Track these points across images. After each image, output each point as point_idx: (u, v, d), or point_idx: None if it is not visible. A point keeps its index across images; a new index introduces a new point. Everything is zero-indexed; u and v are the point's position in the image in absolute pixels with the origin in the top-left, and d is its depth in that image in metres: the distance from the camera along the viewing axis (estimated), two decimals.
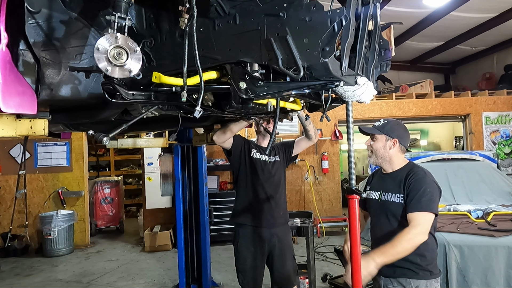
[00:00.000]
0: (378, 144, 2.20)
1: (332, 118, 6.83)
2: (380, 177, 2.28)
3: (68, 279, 5.02)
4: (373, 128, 2.23)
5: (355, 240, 1.71)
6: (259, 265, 3.01)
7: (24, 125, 1.64)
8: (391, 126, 2.21)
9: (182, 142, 4.10)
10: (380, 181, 2.26)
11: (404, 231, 1.95)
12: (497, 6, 6.00)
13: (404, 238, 1.93)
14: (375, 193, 2.24)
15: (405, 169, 2.17)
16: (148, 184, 6.60)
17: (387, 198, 2.14)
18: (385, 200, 2.15)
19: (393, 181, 2.15)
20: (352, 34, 1.41)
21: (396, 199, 2.09)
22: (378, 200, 2.20)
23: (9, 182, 6.48)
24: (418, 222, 1.96)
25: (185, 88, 1.44)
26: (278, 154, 3.16)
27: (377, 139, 2.20)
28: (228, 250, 6.01)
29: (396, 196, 2.10)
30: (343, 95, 1.64)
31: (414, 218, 1.98)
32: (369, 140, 2.25)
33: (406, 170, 2.15)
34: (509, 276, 3.08)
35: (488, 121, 7.33)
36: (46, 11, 1.42)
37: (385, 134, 2.18)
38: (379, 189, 2.23)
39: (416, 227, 1.95)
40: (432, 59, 9.12)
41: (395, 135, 2.18)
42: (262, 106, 1.86)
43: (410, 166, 2.19)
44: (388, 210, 2.13)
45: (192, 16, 1.33)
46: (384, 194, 2.17)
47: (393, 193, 2.12)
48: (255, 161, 3.06)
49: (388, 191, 2.15)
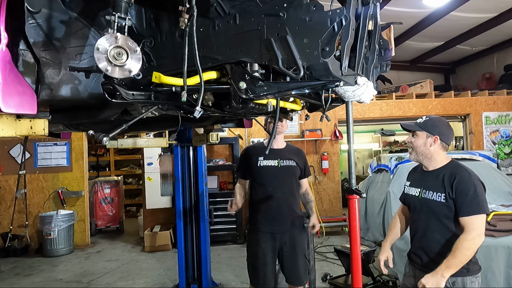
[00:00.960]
0: (418, 141, 2.17)
1: (332, 118, 6.83)
2: (421, 173, 2.27)
3: (68, 279, 5.02)
4: (414, 124, 2.21)
5: (355, 240, 1.71)
6: (270, 261, 3.00)
7: (24, 125, 1.63)
8: (433, 122, 2.19)
9: (182, 142, 4.10)
10: (420, 178, 2.25)
11: (462, 238, 1.96)
12: (497, 6, 6.00)
13: (463, 246, 1.94)
14: (415, 189, 2.24)
15: (447, 167, 2.15)
16: (148, 184, 6.60)
17: (428, 196, 2.14)
18: (426, 198, 2.15)
19: (434, 179, 2.14)
20: (352, 34, 1.41)
21: (438, 198, 2.09)
22: (418, 197, 2.20)
23: (9, 182, 6.48)
24: (473, 226, 1.96)
25: (185, 88, 1.44)
26: (293, 159, 3.11)
27: (417, 136, 2.18)
28: (228, 250, 6.01)
29: (437, 195, 2.09)
30: (343, 95, 1.64)
31: (469, 222, 1.98)
32: (409, 137, 2.24)
33: (449, 169, 2.13)
34: (509, 276, 3.08)
35: (488, 121, 7.33)
36: (46, 11, 1.42)
37: (426, 131, 2.16)
38: (419, 186, 2.22)
39: (472, 231, 1.95)
40: (432, 59, 9.13)
41: (436, 132, 2.16)
42: (262, 106, 1.86)
43: (453, 165, 2.17)
44: (429, 208, 2.13)
45: (192, 16, 1.33)
46: (425, 192, 2.16)
47: (434, 192, 2.11)
48: (263, 169, 3.04)
49: (429, 189, 2.14)
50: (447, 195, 2.05)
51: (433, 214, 2.12)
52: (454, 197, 2.03)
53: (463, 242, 1.95)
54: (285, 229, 3.00)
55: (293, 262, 3.03)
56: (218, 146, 6.81)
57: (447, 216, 2.07)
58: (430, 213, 2.13)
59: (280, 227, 2.99)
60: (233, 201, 3.12)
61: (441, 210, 2.07)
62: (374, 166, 6.10)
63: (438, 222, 2.10)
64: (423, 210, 2.17)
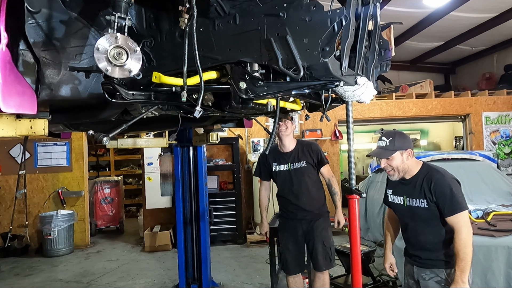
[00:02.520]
0: (396, 162, 2.24)
1: (332, 118, 6.83)
2: (400, 182, 2.35)
3: (68, 279, 5.02)
4: (385, 150, 2.26)
5: (355, 240, 1.71)
6: (297, 248, 3.31)
7: (24, 125, 1.63)
8: (398, 139, 2.25)
9: (182, 142, 4.09)
10: (401, 187, 2.35)
11: (457, 240, 2.09)
12: (497, 6, 6.00)
13: (462, 245, 2.07)
14: (399, 198, 2.35)
15: (422, 173, 2.26)
16: (148, 184, 6.60)
17: (413, 204, 2.26)
18: (411, 206, 2.27)
19: (413, 187, 2.26)
20: (352, 34, 1.41)
21: (421, 204, 2.21)
22: (403, 205, 2.31)
23: (9, 182, 6.47)
24: (460, 223, 2.10)
25: (185, 88, 1.44)
26: (303, 159, 3.26)
27: (393, 158, 2.24)
28: (228, 250, 6.01)
29: (420, 201, 2.21)
30: (343, 95, 1.64)
31: (455, 221, 2.11)
32: (384, 162, 2.29)
33: (424, 175, 2.24)
34: (509, 276, 3.08)
35: (488, 121, 7.33)
36: (46, 11, 1.42)
37: (398, 150, 2.23)
38: (402, 194, 2.33)
39: (462, 229, 2.09)
40: (432, 59, 9.12)
41: (406, 146, 2.24)
42: (262, 106, 1.86)
43: (425, 169, 2.27)
44: (415, 214, 2.25)
45: (192, 16, 1.33)
46: (409, 200, 2.28)
47: (417, 199, 2.23)
48: (278, 174, 3.31)
49: (412, 196, 2.26)
50: (429, 200, 2.17)
51: (421, 219, 2.25)
52: (435, 200, 2.15)
53: (459, 242, 2.07)
54: (306, 220, 3.27)
55: (313, 249, 3.26)
56: (218, 146, 6.81)
57: (433, 218, 2.20)
58: (418, 218, 2.26)
59: (301, 220, 3.27)
60: (261, 225, 3.47)
61: (427, 214, 2.21)
62: (374, 166, 6.10)
63: (427, 225, 2.24)
64: (411, 217, 2.30)
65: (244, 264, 5.28)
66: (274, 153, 3.33)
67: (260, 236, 6.14)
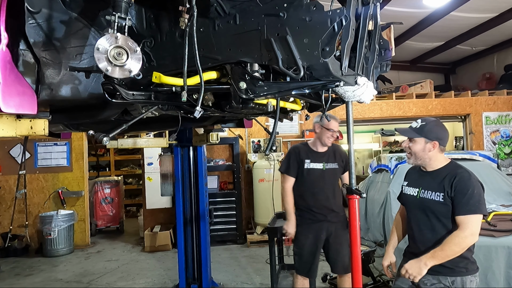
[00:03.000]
0: (417, 147, 2.15)
1: None
2: (419, 174, 2.27)
3: (68, 279, 5.02)
4: (411, 130, 2.18)
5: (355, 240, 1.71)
6: (314, 251, 3.24)
7: (24, 125, 1.64)
8: (430, 127, 2.15)
9: (182, 142, 4.09)
10: (419, 178, 2.25)
11: (454, 234, 2.00)
12: (497, 6, 6.00)
13: (453, 242, 1.98)
14: (413, 189, 2.25)
15: (447, 168, 2.16)
16: (148, 184, 6.60)
17: (426, 196, 2.15)
18: (424, 198, 2.16)
19: (433, 180, 2.15)
20: (352, 34, 1.41)
21: (436, 198, 2.10)
22: (416, 197, 2.21)
23: (9, 182, 6.47)
24: (467, 225, 1.98)
25: (185, 88, 1.44)
26: (336, 161, 3.31)
27: (415, 142, 2.16)
28: (228, 250, 6.01)
29: (436, 195, 2.10)
30: (343, 95, 1.64)
31: (463, 221, 2.00)
32: (407, 142, 2.21)
33: (449, 170, 2.13)
34: (509, 276, 3.08)
35: (488, 121, 7.33)
36: (46, 11, 1.42)
37: (423, 137, 2.14)
38: (417, 186, 2.23)
39: (465, 230, 1.98)
40: (432, 59, 9.12)
41: (434, 137, 2.13)
42: (262, 106, 1.86)
43: (453, 166, 2.17)
44: (427, 208, 2.14)
45: (192, 16, 1.33)
46: (424, 192, 2.17)
47: (433, 191, 2.12)
48: (310, 171, 3.25)
49: (428, 188, 2.15)
50: (446, 194, 2.06)
51: (431, 213, 2.13)
52: (452, 196, 2.04)
53: (454, 238, 1.99)
54: (332, 222, 3.23)
55: (339, 251, 3.22)
56: (218, 146, 6.81)
57: (445, 215, 2.08)
58: (429, 212, 2.14)
59: (328, 221, 3.22)
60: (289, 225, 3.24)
61: (439, 209, 2.09)
62: (374, 166, 6.10)
63: (436, 221, 2.12)
64: (421, 209, 2.18)
65: (244, 264, 5.28)
66: (306, 150, 3.29)
67: (260, 236, 6.15)
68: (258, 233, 6.29)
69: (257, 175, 6.32)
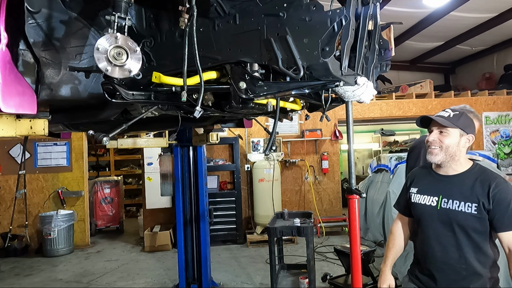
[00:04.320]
0: (451, 140, 1.78)
1: (332, 118, 6.83)
2: (435, 178, 1.90)
3: (68, 279, 5.02)
4: (445, 119, 1.80)
5: (355, 240, 1.71)
6: None
7: (24, 125, 1.64)
8: (466, 119, 1.81)
9: (182, 142, 4.09)
10: (435, 184, 1.89)
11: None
12: (497, 6, 6.00)
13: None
14: (430, 198, 1.87)
15: (474, 172, 1.81)
16: (148, 184, 6.60)
17: (453, 207, 1.78)
18: (450, 209, 1.78)
19: (459, 186, 1.80)
20: (352, 34, 1.41)
21: (467, 209, 1.73)
22: (436, 208, 1.83)
23: (9, 182, 6.47)
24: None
25: (185, 88, 1.44)
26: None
27: (448, 134, 1.79)
28: (228, 250, 6.01)
29: (467, 206, 1.74)
30: (343, 95, 1.64)
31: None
32: (436, 134, 1.83)
33: (477, 175, 1.79)
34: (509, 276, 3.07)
35: (488, 121, 7.33)
36: (46, 11, 1.42)
37: (460, 128, 1.79)
38: (436, 194, 1.85)
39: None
40: (432, 59, 9.12)
41: (470, 131, 1.81)
42: (262, 106, 1.86)
43: (480, 169, 1.83)
44: (454, 221, 1.77)
45: (192, 16, 1.33)
46: (447, 201, 1.80)
47: (461, 201, 1.76)
48: None
49: (454, 198, 1.79)
50: (481, 206, 1.70)
51: (459, 228, 1.76)
52: (490, 208, 1.69)
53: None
54: None
55: None
56: (218, 146, 6.81)
57: (476, 231, 1.73)
58: (457, 227, 1.76)
59: None
60: None
61: (472, 224, 1.73)
62: (374, 166, 6.10)
63: (464, 237, 1.75)
64: (444, 223, 1.81)
65: (244, 264, 5.28)
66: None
67: (260, 236, 6.15)
68: (258, 233, 6.29)
69: (257, 175, 6.32)
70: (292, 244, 6.11)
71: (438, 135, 1.82)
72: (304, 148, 7.01)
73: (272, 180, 6.13)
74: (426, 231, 1.87)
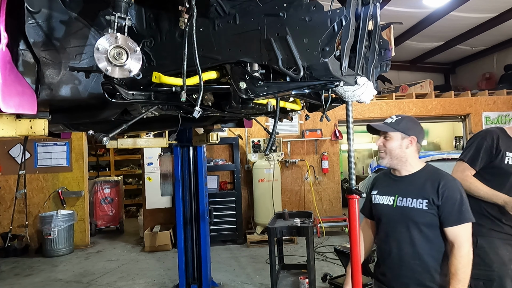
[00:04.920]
0: (393, 143, 1.92)
1: (332, 118, 6.83)
2: (392, 180, 2.00)
3: (68, 279, 5.02)
4: (386, 125, 1.95)
5: (355, 240, 1.71)
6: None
7: (24, 125, 1.64)
8: (406, 122, 1.95)
9: (182, 142, 4.09)
10: (392, 184, 1.98)
11: (457, 255, 1.75)
12: (497, 6, 6.00)
13: (462, 263, 1.73)
14: (387, 197, 1.96)
15: (425, 172, 1.93)
16: (148, 184, 6.60)
17: (407, 204, 1.88)
18: (404, 206, 1.88)
19: (411, 185, 1.91)
20: (352, 34, 1.41)
21: (419, 205, 1.83)
22: (392, 206, 1.92)
23: (9, 182, 6.47)
24: (464, 237, 1.77)
25: (184, 88, 1.44)
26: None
27: (391, 138, 1.93)
28: (228, 250, 6.01)
29: (418, 202, 1.84)
30: (343, 95, 1.64)
31: (460, 233, 1.77)
32: (381, 139, 1.98)
33: (428, 174, 1.91)
34: None
35: (488, 121, 7.33)
36: (46, 11, 1.42)
37: (400, 132, 1.92)
38: (392, 193, 1.95)
39: (464, 244, 1.76)
40: (432, 59, 9.12)
41: (412, 133, 1.93)
42: (262, 106, 1.86)
43: (432, 169, 1.95)
44: (407, 217, 1.87)
45: (192, 16, 1.33)
46: (402, 199, 1.90)
47: (414, 198, 1.86)
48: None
49: (407, 195, 1.89)
50: (431, 201, 1.81)
51: (413, 224, 1.86)
52: (439, 204, 1.80)
53: (460, 260, 1.74)
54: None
55: None
56: (218, 146, 6.81)
57: (430, 226, 1.83)
58: (409, 222, 1.86)
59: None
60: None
61: (424, 219, 1.83)
62: (374, 166, 6.10)
63: (417, 233, 1.85)
64: (399, 221, 1.90)
65: (244, 264, 5.28)
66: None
67: (260, 236, 6.15)
68: (258, 233, 6.29)
69: (257, 175, 6.32)
70: (292, 244, 6.11)
71: (382, 140, 1.97)
72: (304, 148, 7.01)
73: (272, 180, 6.13)
74: (384, 230, 1.98)
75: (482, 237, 2.25)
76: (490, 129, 2.44)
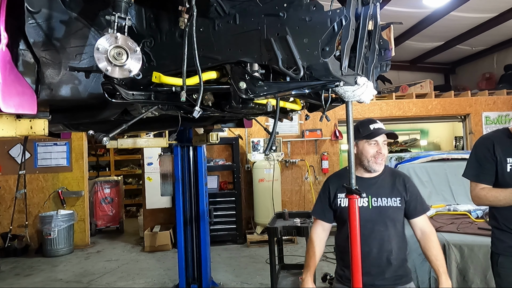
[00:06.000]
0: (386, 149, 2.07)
1: (332, 118, 6.83)
2: (363, 182, 2.02)
3: (68, 279, 5.02)
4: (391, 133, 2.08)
5: (355, 240, 1.71)
6: None
7: (24, 125, 1.63)
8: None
9: (182, 142, 4.10)
10: (361, 187, 1.88)
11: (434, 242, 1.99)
12: (497, 6, 6.00)
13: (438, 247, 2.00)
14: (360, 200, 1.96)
15: (387, 172, 2.11)
16: (148, 184, 6.61)
17: (383, 204, 2.01)
18: (381, 206, 2.01)
19: (382, 186, 2.04)
20: (352, 34, 1.41)
21: (394, 203, 2.01)
22: (368, 207, 2.01)
23: (9, 182, 6.48)
24: (429, 224, 2.05)
25: (184, 88, 1.44)
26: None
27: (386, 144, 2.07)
28: (228, 250, 6.01)
29: (393, 200, 2.01)
30: (343, 95, 1.64)
31: (425, 220, 2.04)
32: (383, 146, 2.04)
33: (391, 173, 2.12)
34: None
35: (488, 121, 7.33)
36: (46, 11, 1.42)
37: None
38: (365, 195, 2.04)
39: (433, 230, 2.03)
40: (432, 59, 9.12)
41: (355, 138, 1.96)
42: (262, 106, 1.86)
43: (390, 169, 2.17)
44: (386, 216, 2.00)
45: (192, 16, 1.33)
46: (376, 200, 2.02)
47: (387, 197, 2.01)
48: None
49: (381, 196, 2.02)
50: (403, 198, 2.01)
51: (390, 221, 2.00)
52: (407, 199, 2.02)
53: (436, 245, 1.99)
54: None
55: None
56: (218, 146, 6.81)
57: (400, 222, 2.04)
58: (389, 221, 2.00)
59: None
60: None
61: (398, 216, 2.02)
62: None
63: (393, 228, 2.00)
64: (379, 220, 1.99)
65: (244, 264, 5.28)
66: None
67: (260, 236, 6.15)
68: (258, 233, 6.29)
69: (257, 175, 6.33)
70: (292, 244, 6.11)
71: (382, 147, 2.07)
72: (304, 148, 7.01)
73: (272, 180, 6.13)
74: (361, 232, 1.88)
75: (504, 255, 2.11)
76: (484, 136, 2.32)
